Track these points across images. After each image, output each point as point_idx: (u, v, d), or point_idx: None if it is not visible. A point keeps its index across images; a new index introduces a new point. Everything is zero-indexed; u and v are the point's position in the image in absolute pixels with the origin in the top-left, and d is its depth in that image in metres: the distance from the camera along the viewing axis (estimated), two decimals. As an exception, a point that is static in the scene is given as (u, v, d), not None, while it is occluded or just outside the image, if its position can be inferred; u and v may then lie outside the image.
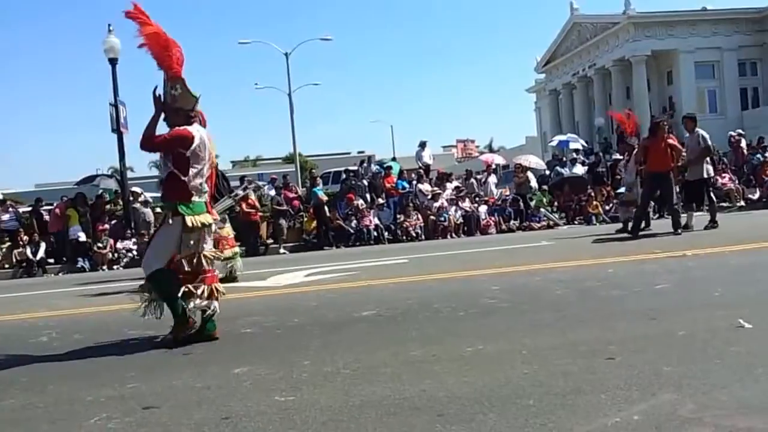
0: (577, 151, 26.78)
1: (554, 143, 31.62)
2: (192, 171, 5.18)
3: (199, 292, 5.22)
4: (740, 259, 8.00)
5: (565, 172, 23.12)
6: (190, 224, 5.16)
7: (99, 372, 4.53)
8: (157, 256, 5.25)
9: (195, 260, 5.28)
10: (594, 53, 46.41)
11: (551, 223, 19.87)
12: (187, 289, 5.20)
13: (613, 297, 5.96)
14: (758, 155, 22.24)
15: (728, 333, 4.25)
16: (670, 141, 12.35)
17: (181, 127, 5.17)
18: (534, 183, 21.75)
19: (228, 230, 9.51)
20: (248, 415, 3.33)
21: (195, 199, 5.23)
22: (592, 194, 20.69)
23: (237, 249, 9.84)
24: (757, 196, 20.71)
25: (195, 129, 5.24)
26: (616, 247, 10.66)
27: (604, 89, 46.81)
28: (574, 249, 11.12)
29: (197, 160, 5.20)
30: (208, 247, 5.41)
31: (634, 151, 14.03)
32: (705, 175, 12.92)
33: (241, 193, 10.48)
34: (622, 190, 15.42)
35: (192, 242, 5.24)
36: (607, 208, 20.07)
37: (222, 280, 9.12)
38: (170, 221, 5.21)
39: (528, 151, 38.90)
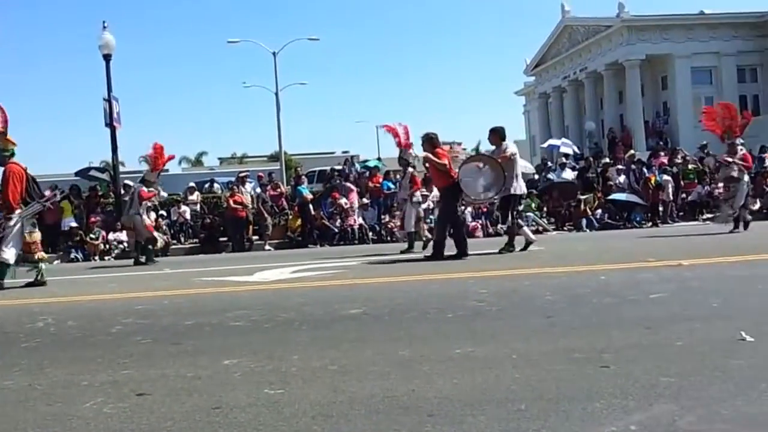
0: (566, 156, 26.42)
1: (545, 146, 31.35)
2: None
3: None
4: (738, 271, 7.86)
5: (555, 177, 22.97)
6: None
7: (93, 358, 4.60)
8: None
9: None
10: (586, 57, 45.17)
11: (540, 228, 19.82)
12: None
13: (606, 305, 5.84)
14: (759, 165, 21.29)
15: (729, 345, 4.14)
16: (425, 154, 11.32)
17: None
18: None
19: (37, 236, 10.01)
20: (238, 405, 3.33)
21: None
22: (582, 199, 20.77)
23: (44, 255, 10.18)
24: (757, 206, 20.06)
25: None
26: (608, 255, 10.63)
27: (596, 93, 45.81)
28: (564, 255, 11.04)
29: None
30: None
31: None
32: (512, 192, 11.65)
33: (56, 197, 10.68)
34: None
35: None
36: (598, 213, 20.33)
37: (31, 284, 9.55)
38: None
39: (516, 154, 38.61)
